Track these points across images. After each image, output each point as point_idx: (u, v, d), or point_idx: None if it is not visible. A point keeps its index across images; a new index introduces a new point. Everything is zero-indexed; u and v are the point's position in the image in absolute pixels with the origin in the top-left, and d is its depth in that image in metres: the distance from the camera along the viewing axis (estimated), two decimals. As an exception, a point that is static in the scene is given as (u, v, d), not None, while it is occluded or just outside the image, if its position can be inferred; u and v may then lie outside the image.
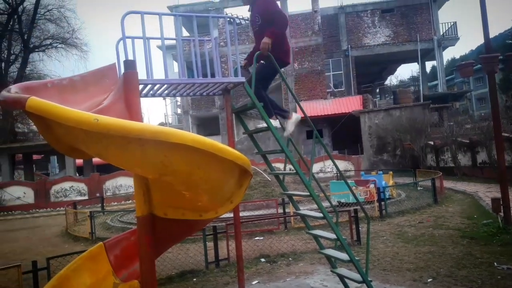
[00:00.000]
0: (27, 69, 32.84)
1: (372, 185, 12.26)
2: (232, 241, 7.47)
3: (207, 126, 32.32)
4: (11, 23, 32.06)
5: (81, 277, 3.79)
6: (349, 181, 12.29)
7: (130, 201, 23.38)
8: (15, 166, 31.07)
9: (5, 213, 23.30)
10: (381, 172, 15.53)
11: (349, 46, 31.56)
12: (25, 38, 32.04)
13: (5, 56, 32.22)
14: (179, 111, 35.90)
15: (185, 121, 31.19)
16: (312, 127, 5.05)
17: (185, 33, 32.21)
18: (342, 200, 11.47)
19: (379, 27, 32.20)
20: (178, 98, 35.01)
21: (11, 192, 24.35)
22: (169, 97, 35.50)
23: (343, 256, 4.51)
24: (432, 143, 22.72)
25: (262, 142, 19.77)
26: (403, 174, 20.37)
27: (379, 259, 6.77)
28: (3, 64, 31.96)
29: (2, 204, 24.07)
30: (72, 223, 13.90)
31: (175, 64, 31.38)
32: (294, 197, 5.57)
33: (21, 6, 32.35)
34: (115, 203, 22.92)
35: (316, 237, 5.15)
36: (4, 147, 28.21)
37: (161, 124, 41.38)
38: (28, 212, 23.11)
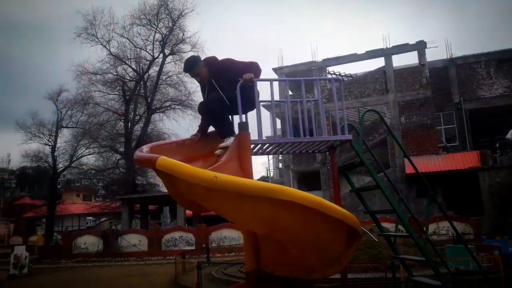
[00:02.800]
0: (149, 128, 36.89)
1: (496, 252, 10.85)
2: (337, 304, 7.16)
3: (308, 180, 32.25)
4: (137, 88, 36.81)
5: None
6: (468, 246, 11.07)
7: (233, 253, 23.87)
8: (133, 215, 34.11)
9: (122, 259, 25.41)
10: (507, 237, 13.71)
11: (462, 98, 29.61)
12: (149, 100, 36.39)
13: (131, 116, 36.73)
14: (280, 165, 36.64)
15: (286, 176, 31.58)
16: (427, 185, 4.77)
17: (292, 92, 33.47)
18: (461, 267, 10.30)
19: (495, 78, 29.85)
20: (281, 154, 35.85)
21: (129, 240, 26.60)
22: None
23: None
24: None
25: (368, 199, 18.94)
26: (535, 240, 17.65)
27: None
28: (129, 124, 36.41)
29: (120, 251, 26.34)
30: (180, 273, 14.57)
31: (278, 120, 32.47)
32: (406, 262, 5.21)
33: (147, 74, 37.15)
34: (219, 255, 23.56)
35: (432, 308, 4.69)
36: (125, 198, 31.37)
37: (263, 178, 42.46)
38: (142, 259, 24.86)
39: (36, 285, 15.28)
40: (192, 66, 4.37)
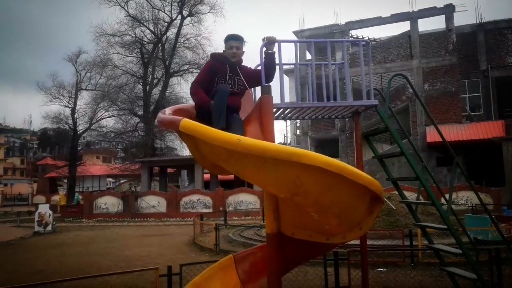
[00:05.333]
0: (167, 91, 36.92)
1: (517, 223, 10.74)
2: (353, 269, 7.23)
3: (325, 148, 32.11)
4: (156, 51, 36.58)
5: (212, 286, 4.02)
6: (485, 216, 10.96)
7: (250, 217, 24.29)
8: (152, 178, 34.81)
9: (142, 219, 26.17)
10: (528, 208, 13.51)
11: (489, 66, 28.53)
12: (167, 63, 36.22)
13: (149, 80, 36.74)
14: (298, 132, 36.46)
15: (304, 142, 31.48)
16: (451, 152, 4.62)
17: (309, 56, 32.81)
18: (479, 237, 10.24)
19: (525, 45, 28.59)
20: (298, 120, 35.64)
21: (148, 201, 27.27)
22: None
23: (485, 300, 4.01)
24: None
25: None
26: (557, 212, 17.36)
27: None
28: (147, 87, 36.48)
29: (139, 211, 27.10)
30: (198, 234, 14.94)
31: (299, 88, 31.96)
32: (427, 230, 5.17)
33: (165, 36, 36.77)
34: (236, 218, 24.03)
35: (452, 275, 4.68)
36: (145, 160, 31.93)
37: (281, 144, 42.38)
38: (161, 220, 25.57)
39: (60, 242, 15.92)
40: (242, 40, 4.06)
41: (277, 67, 4.02)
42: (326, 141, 31.88)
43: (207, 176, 33.42)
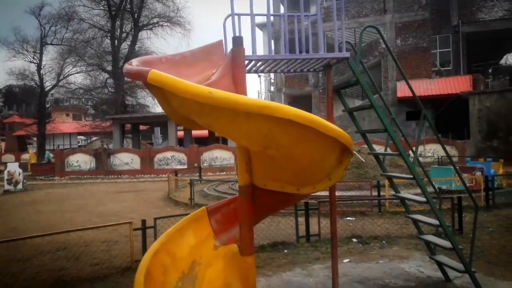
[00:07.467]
0: (136, 46, 35.63)
1: (479, 173, 11.29)
2: (323, 219, 7.52)
3: (299, 104, 32.19)
4: (123, 3, 34.87)
5: (185, 236, 4.11)
6: (450, 167, 11.47)
7: (224, 172, 24.57)
8: (124, 135, 34.31)
9: (116, 176, 26.05)
10: (490, 159, 14.19)
11: (460, 21, 28.75)
12: (135, 16, 34.70)
13: (118, 34, 35.25)
14: (272, 88, 36.31)
15: (278, 99, 31.45)
16: (419, 104, 4.73)
17: (284, 9, 32.11)
18: (444, 187, 10.77)
19: (496, 0, 28.80)
20: (272, 76, 35.39)
21: (121, 158, 27.04)
22: (265, 74, 35.91)
23: (445, 243, 4.29)
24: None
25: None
26: (516, 163, 18.33)
27: (483, 251, 6.29)
28: (115, 42, 35.06)
29: (112, 168, 26.91)
30: (173, 189, 15.06)
31: (272, 42, 31.53)
32: (394, 180, 5.38)
33: (133, -13, 34.99)
34: (211, 174, 24.25)
35: (416, 222, 4.95)
36: (116, 117, 31.28)
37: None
38: (135, 177, 25.54)
39: (32, 200, 15.74)
40: None
41: (249, 17, 3.93)
42: (299, 97, 31.95)
43: (180, 133, 33.21)
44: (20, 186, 19.27)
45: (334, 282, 4.29)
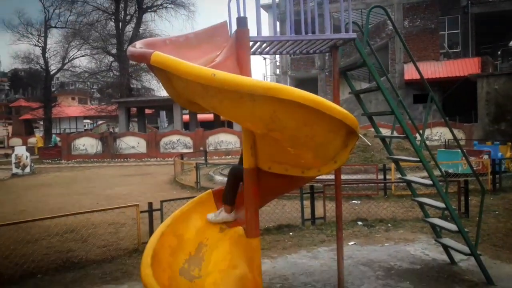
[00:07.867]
0: (140, 28, 35.35)
1: (486, 156, 11.21)
2: (328, 202, 7.53)
3: (305, 87, 31.61)
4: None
5: (191, 218, 4.15)
6: (457, 150, 11.39)
7: (230, 156, 24.61)
8: (130, 119, 34.36)
9: (122, 160, 26.21)
10: (497, 142, 14.08)
11: (469, 1, 28.16)
12: (140, -1, 34.35)
13: (122, 16, 34.95)
14: (278, 71, 36.00)
15: (284, 82, 31.21)
16: (429, 89, 4.64)
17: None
18: (450, 170, 10.72)
19: (507, -20, 28.15)
20: (278, 59, 35.06)
21: (127, 142, 27.14)
22: (270, 57, 35.58)
23: (451, 226, 4.28)
24: None
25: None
26: (524, 146, 18.14)
27: (489, 234, 6.28)
28: (120, 24, 34.79)
29: (119, 152, 27.04)
30: (179, 173, 15.12)
31: (277, 23, 31.17)
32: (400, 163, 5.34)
33: (137, -32, 34.54)
34: (216, 157, 24.32)
35: (422, 205, 4.93)
36: (122, 101, 31.29)
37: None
38: (141, 160, 25.67)
39: (40, 183, 15.91)
40: None
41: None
42: (305, 80, 31.69)
43: (186, 117, 33.19)
44: (27, 169, 19.46)
45: (339, 264, 4.31)
